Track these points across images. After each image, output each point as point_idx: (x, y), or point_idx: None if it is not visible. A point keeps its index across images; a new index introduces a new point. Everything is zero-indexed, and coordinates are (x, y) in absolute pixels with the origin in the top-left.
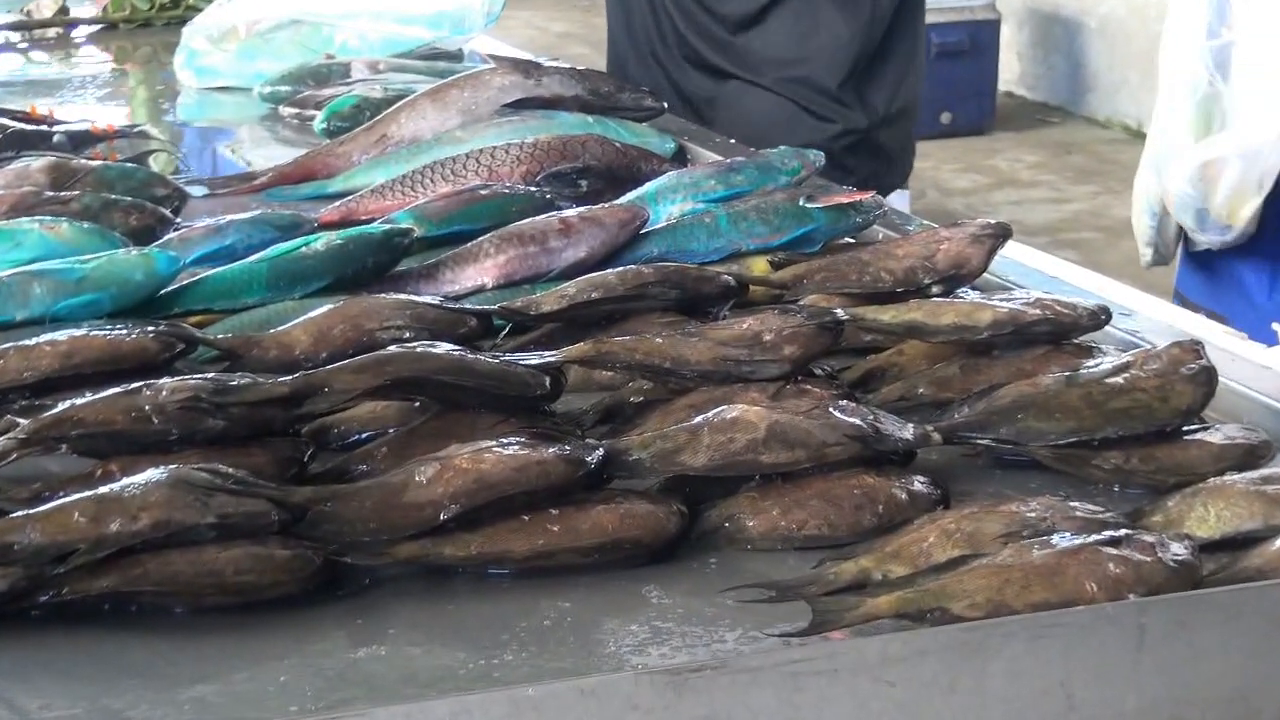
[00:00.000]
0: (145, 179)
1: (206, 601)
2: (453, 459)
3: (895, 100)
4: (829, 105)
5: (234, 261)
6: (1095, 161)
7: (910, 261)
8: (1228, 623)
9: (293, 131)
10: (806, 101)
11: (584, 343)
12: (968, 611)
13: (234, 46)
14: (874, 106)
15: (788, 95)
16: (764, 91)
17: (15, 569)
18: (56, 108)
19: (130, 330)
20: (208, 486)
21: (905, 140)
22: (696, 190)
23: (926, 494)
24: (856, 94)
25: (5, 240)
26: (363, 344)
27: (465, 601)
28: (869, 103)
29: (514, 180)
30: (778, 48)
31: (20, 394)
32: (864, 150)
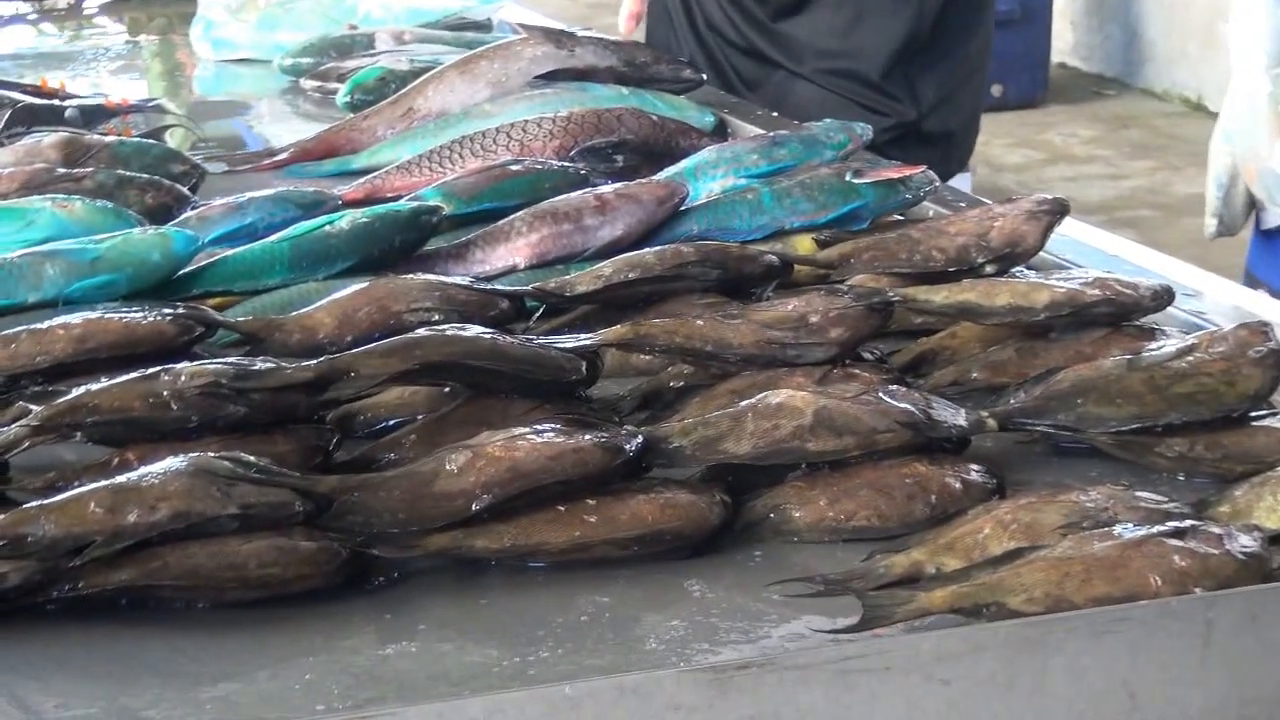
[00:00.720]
0: (161, 155)
1: (228, 596)
2: (485, 447)
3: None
4: (875, 98)
5: (255, 241)
6: (1153, 136)
7: (963, 239)
8: None
9: (314, 105)
10: (852, 94)
11: (621, 325)
12: (1025, 606)
13: (253, 16)
14: (923, 96)
15: (831, 88)
16: (808, 83)
17: (29, 562)
18: (68, 81)
19: (147, 313)
20: (229, 476)
21: (962, 125)
22: (738, 165)
23: (981, 483)
24: (905, 85)
25: (16, 219)
26: (390, 327)
27: (499, 596)
28: (918, 93)
29: (547, 155)
30: (821, 37)
31: (33, 379)
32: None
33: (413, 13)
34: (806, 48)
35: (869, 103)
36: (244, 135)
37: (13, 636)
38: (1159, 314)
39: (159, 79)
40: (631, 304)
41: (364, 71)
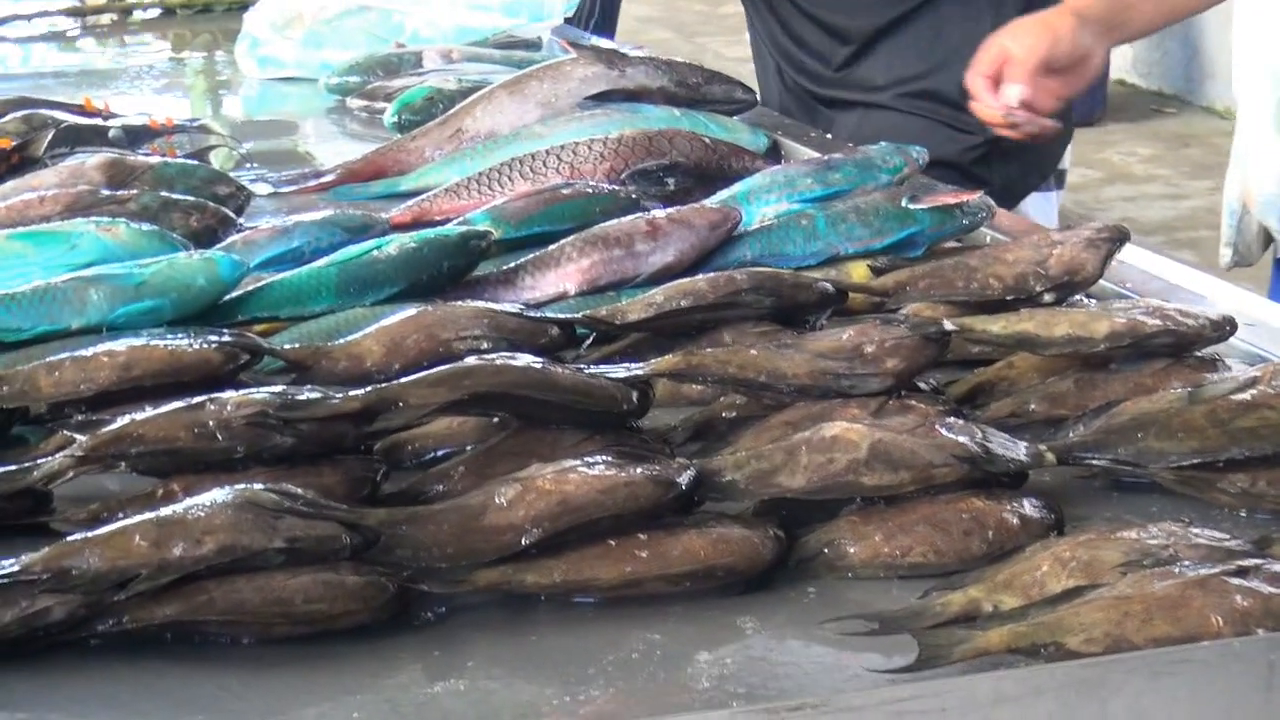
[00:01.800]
0: (206, 177)
1: (275, 631)
2: (534, 480)
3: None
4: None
5: (301, 265)
6: (1214, 154)
7: (1021, 267)
8: None
9: (361, 125)
10: (934, 114)
11: (673, 354)
12: (1085, 647)
13: (299, 34)
14: None
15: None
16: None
17: (73, 596)
18: (112, 100)
19: (192, 340)
20: (276, 508)
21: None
22: (792, 189)
23: (1040, 519)
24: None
25: (60, 243)
26: (438, 355)
27: (548, 632)
28: None
29: (597, 178)
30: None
31: (77, 408)
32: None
33: (461, 31)
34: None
35: (953, 122)
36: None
37: (57, 672)
38: (1221, 345)
39: (203, 98)
40: (683, 332)
41: (411, 91)
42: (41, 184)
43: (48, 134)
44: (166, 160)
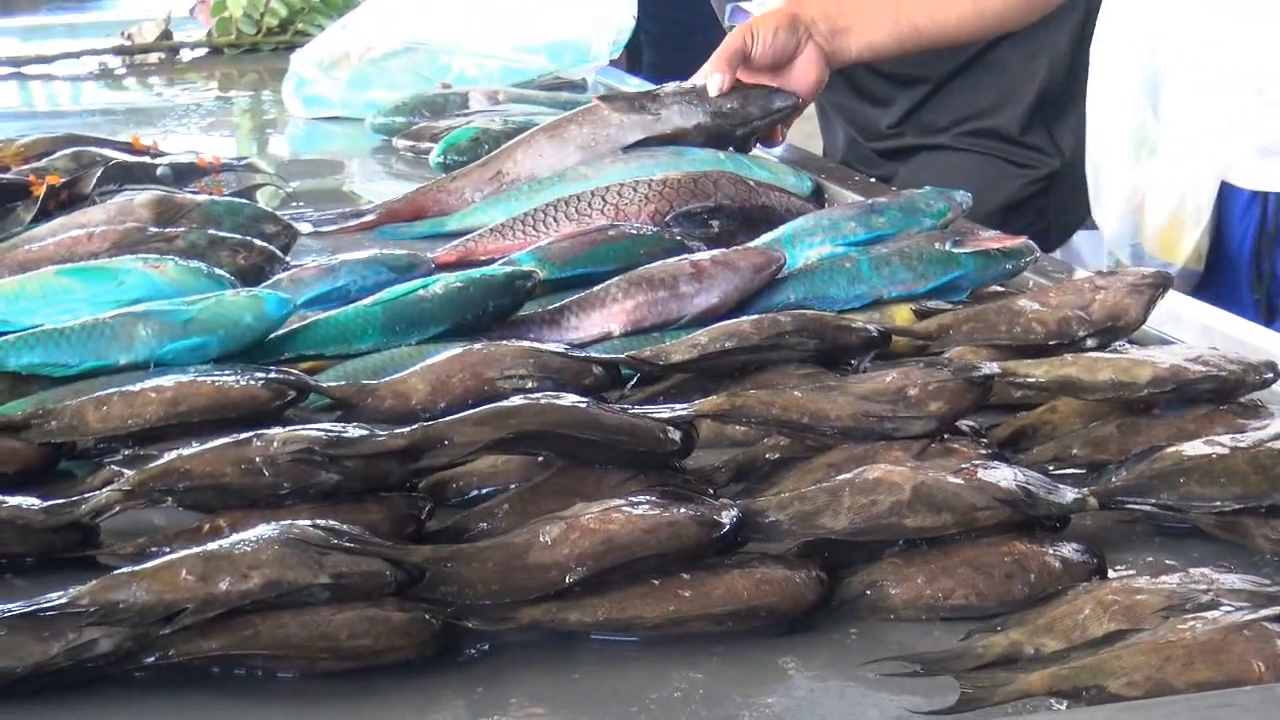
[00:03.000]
0: (253, 215)
1: (319, 667)
2: (579, 518)
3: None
4: (1018, 152)
5: (347, 304)
6: None
7: (1064, 312)
8: None
9: (407, 165)
10: (994, 151)
11: (717, 395)
12: (1126, 690)
13: (345, 74)
14: (1064, 143)
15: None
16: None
17: (120, 629)
18: (160, 138)
19: (239, 377)
20: (321, 545)
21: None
22: (836, 232)
23: (1082, 563)
24: (1045, 134)
25: (108, 279)
26: (483, 394)
27: (591, 670)
28: (1058, 141)
29: (642, 220)
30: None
31: (124, 443)
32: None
33: (507, 72)
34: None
35: (1013, 158)
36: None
37: (104, 704)
38: (1263, 391)
39: (250, 136)
40: (727, 373)
41: (457, 132)
42: (90, 221)
43: (96, 171)
44: (214, 198)
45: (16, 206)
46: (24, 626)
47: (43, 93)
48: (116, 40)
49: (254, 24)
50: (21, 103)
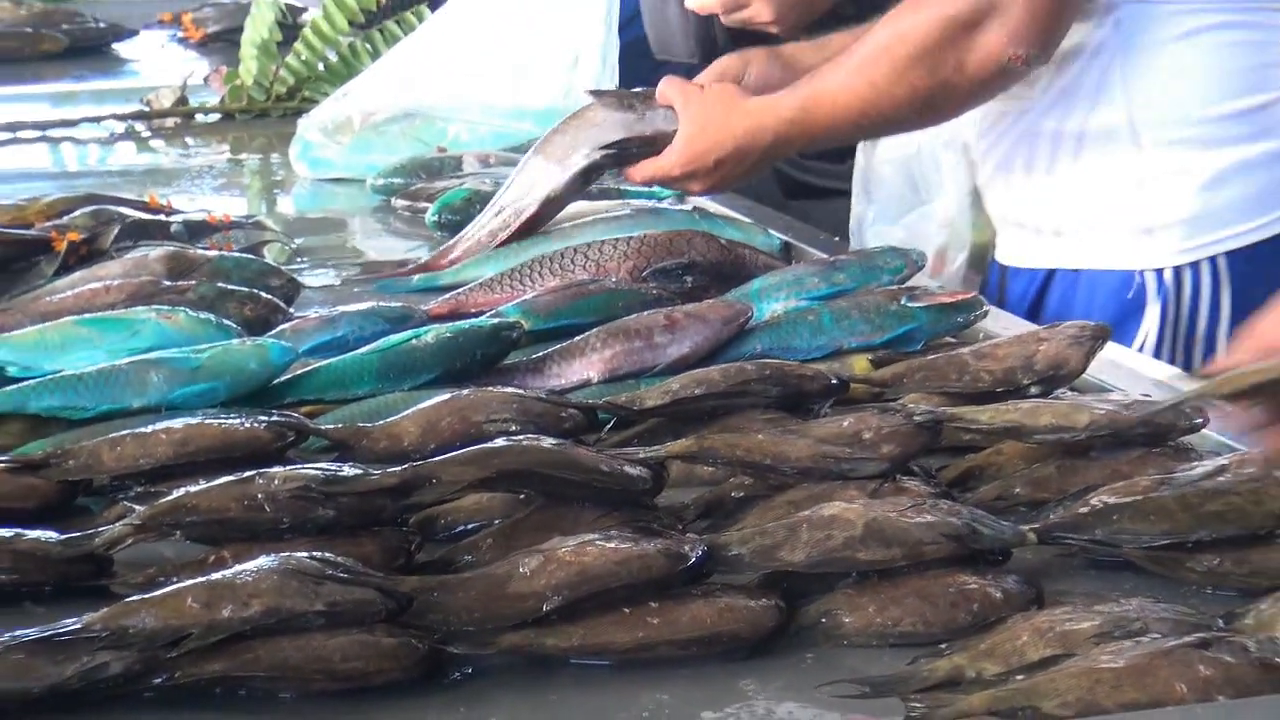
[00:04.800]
0: (260, 270)
1: (314, 687)
2: (556, 551)
3: None
4: None
5: (346, 352)
6: None
7: (1010, 362)
8: None
9: (404, 224)
10: None
11: (686, 439)
12: (1059, 710)
13: (348, 139)
14: None
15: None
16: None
17: (130, 652)
18: (174, 197)
19: (244, 419)
20: (317, 575)
21: None
22: (800, 288)
23: (1021, 593)
24: None
25: (123, 329)
26: (470, 436)
27: (567, 692)
28: None
29: (620, 275)
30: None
31: (136, 481)
32: None
33: (498, 136)
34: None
35: None
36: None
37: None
38: (1193, 435)
39: (259, 196)
40: (697, 418)
41: (451, 192)
42: (108, 274)
43: (114, 228)
44: (223, 254)
45: (39, 260)
46: (41, 650)
47: (68, 154)
48: (137, 106)
49: (264, 91)
50: (52, 163)
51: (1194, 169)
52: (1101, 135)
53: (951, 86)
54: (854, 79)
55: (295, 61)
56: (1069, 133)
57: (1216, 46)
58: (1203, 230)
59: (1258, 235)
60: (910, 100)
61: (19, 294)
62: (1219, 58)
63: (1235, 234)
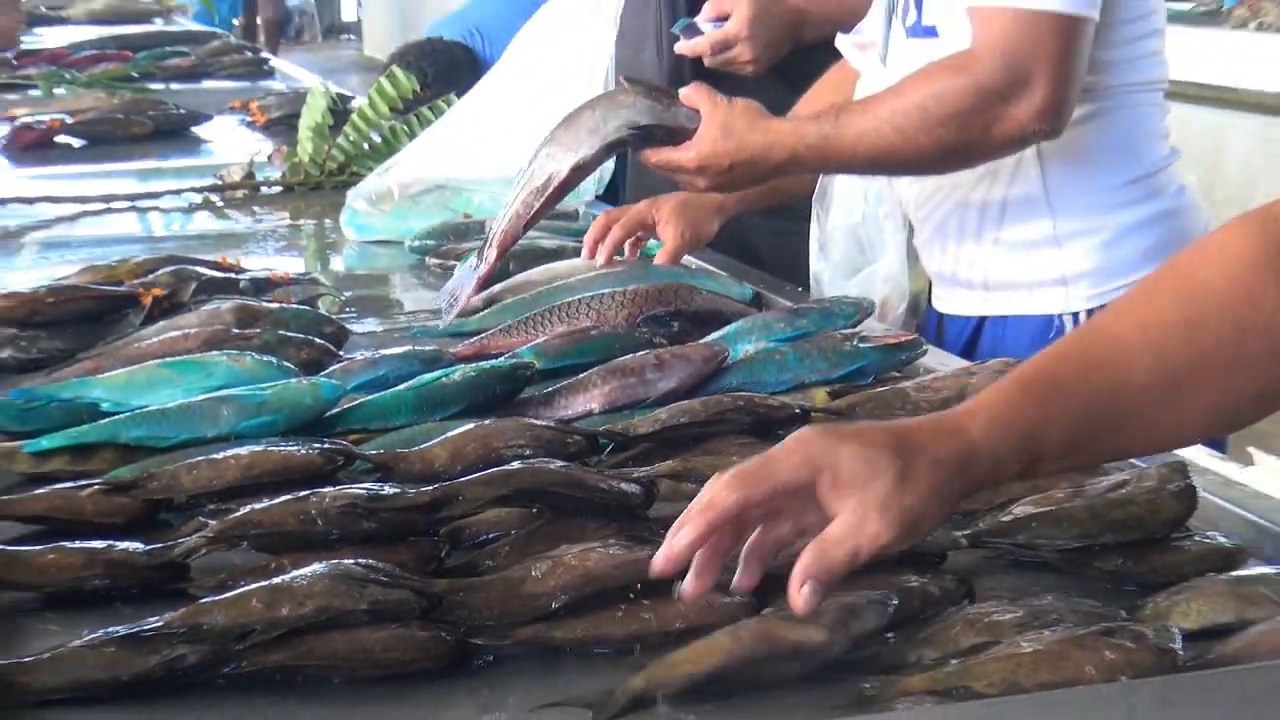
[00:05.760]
0: (314, 319)
1: (360, 674)
2: (563, 557)
3: None
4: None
5: (386, 389)
6: None
7: (945, 394)
8: (1204, 701)
9: (436, 278)
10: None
11: (673, 460)
12: (986, 690)
13: (389, 208)
14: None
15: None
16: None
17: (204, 645)
18: (242, 258)
19: (300, 447)
20: (362, 579)
21: None
22: (768, 331)
23: (955, 590)
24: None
25: (199, 370)
26: (491, 460)
27: (571, 676)
28: None
29: (617, 322)
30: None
31: (210, 499)
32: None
33: None
34: None
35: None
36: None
37: (192, 704)
38: None
39: (314, 256)
40: (682, 442)
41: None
42: (186, 324)
43: (192, 285)
44: (283, 306)
45: (128, 312)
46: (129, 644)
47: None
48: (211, 180)
49: (318, 167)
50: (140, 230)
51: (1099, 229)
52: (1021, 204)
53: (975, 146)
54: (883, 125)
55: (344, 142)
56: (994, 202)
57: (1110, 127)
58: (1108, 279)
59: None
60: (934, 151)
61: (111, 341)
62: (1113, 136)
63: (1134, 280)
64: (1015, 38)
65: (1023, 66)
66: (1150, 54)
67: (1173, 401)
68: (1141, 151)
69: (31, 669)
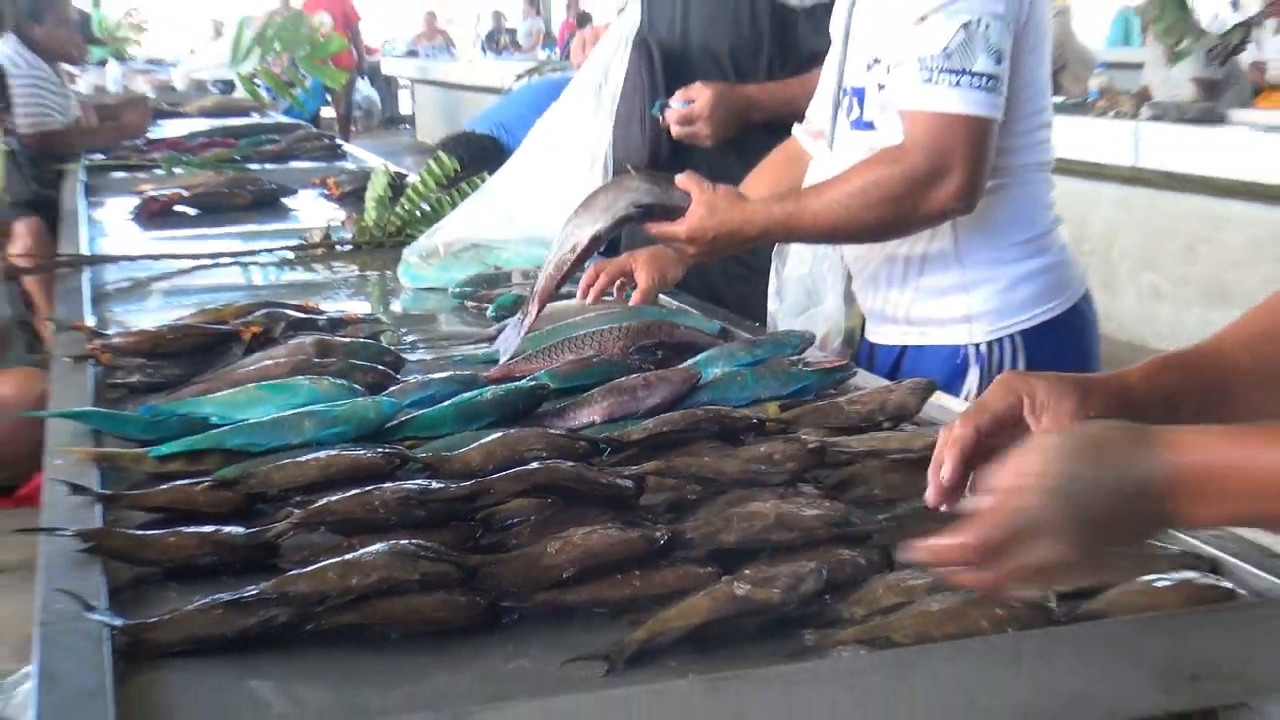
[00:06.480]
0: (377, 350)
1: (413, 630)
2: (571, 537)
3: None
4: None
5: (433, 406)
6: None
7: (870, 406)
8: (1074, 647)
9: (473, 317)
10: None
11: (658, 460)
12: (904, 640)
13: (436, 262)
14: None
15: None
16: None
17: (291, 608)
18: (321, 302)
19: (367, 451)
20: (414, 555)
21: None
22: (732, 359)
23: (879, 560)
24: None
25: (288, 391)
26: (515, 461)
27: (579, 631)
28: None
29: (615, 351)
30: None
31: (295, 492)
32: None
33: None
34: None
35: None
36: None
37: (281, 655)
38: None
39: (378, 301)
40: (665, 446)
41: (503, 296)
42: (276, 355)
43: (281, 324)
44: (353, 340)
45: (232, 346)
46: (232, 608)
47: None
48: (297, 240)
49: (380, 230)
50: (242, 280)
51: (997, 278)
52: (937, 258)
53: (906, 221)
54: (834, 205)
55: (401, 210)
56: (915, 256)
57: (1009, 198)
58: (1004, 318)
59: (1041, 319)
60: (875, 226)
61: (218, 368)
62: (1011, 206)
63: (1026, 319)
64: (937, 136)
65: (943, 159)
66: (1042, 141)
67: (1268, 388)
68: (1033, 217)
69: (156, 627)
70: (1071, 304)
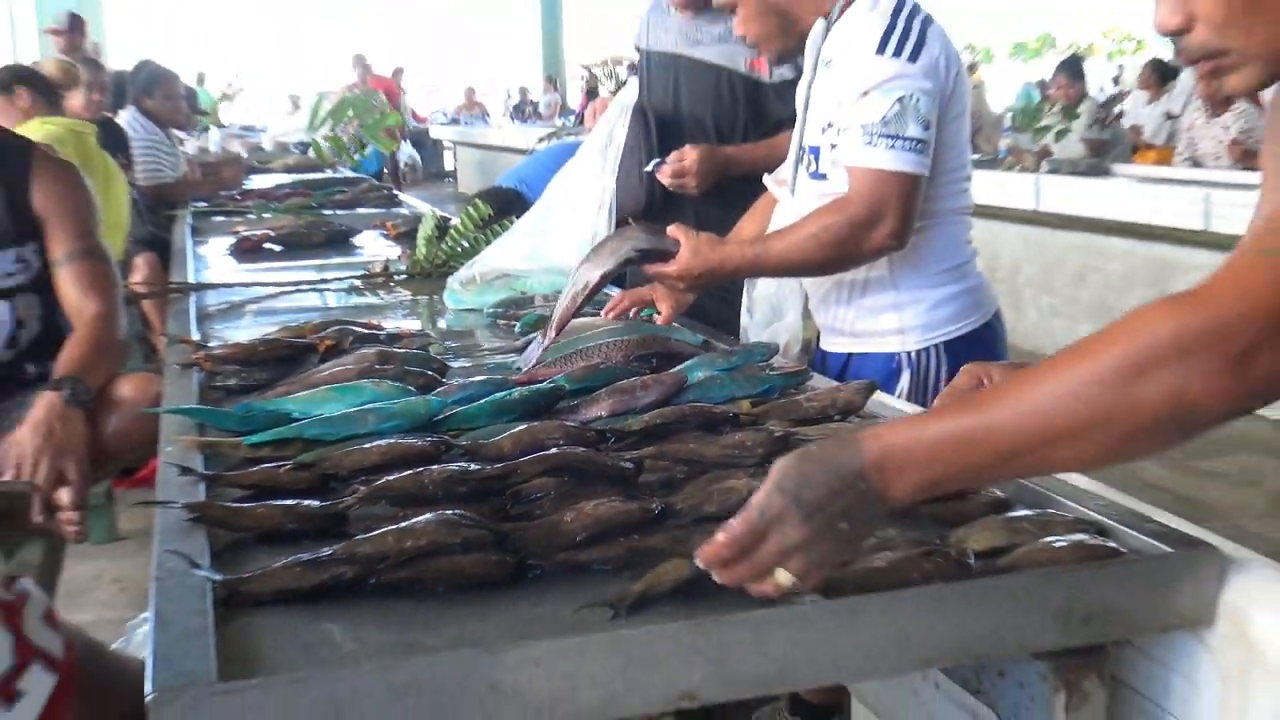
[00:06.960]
0: (426, 359)
1: (455, 584)
2: (583, 508)
3: None
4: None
5: (471, 403)
6: None
7: (824, 403)
8: (990, 597)
9: (504, 332)
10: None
11: (653, 446)
12: (852, 590)
13: (474, 288)
14: None
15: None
16: None
17: (357, 566)
18: (382, 320)
19: (418, 440)
20: (457, 523)
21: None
22: (713, 365)
23: None
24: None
25: (354, 392)
26: (538, 447)
27: (591, 583)
28: None
29: (618, 360)
30: None
31: (361, 473)
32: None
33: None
34: None
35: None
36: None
37: (350, 604)
38: None
39: (427, 320)
40: (659, 435)
41: (528, 315)
42: (346, 363)
43: (349, 338)
44: (408, 350)
45: (309, 356)
46: (310, 565)
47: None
48: (362, 272)
49: (429, 263)
50: (318, 303)
51: (924, 299)
52: (875, 283)
53: (850, 258)
54: (792, 248)
55: (445, 247)
56: (858, 281)
57: (935, 236)
58: (931, 331)
59: (960, 332)
60: (825, 262)
61: (299, 374)
62: (936, 242)
63: (947, 331)
64: (875, 188)
65: (880, 207)
66: (962, 190)
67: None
68: (954, 251)
69: (249, 581)
70: (985, 320)
